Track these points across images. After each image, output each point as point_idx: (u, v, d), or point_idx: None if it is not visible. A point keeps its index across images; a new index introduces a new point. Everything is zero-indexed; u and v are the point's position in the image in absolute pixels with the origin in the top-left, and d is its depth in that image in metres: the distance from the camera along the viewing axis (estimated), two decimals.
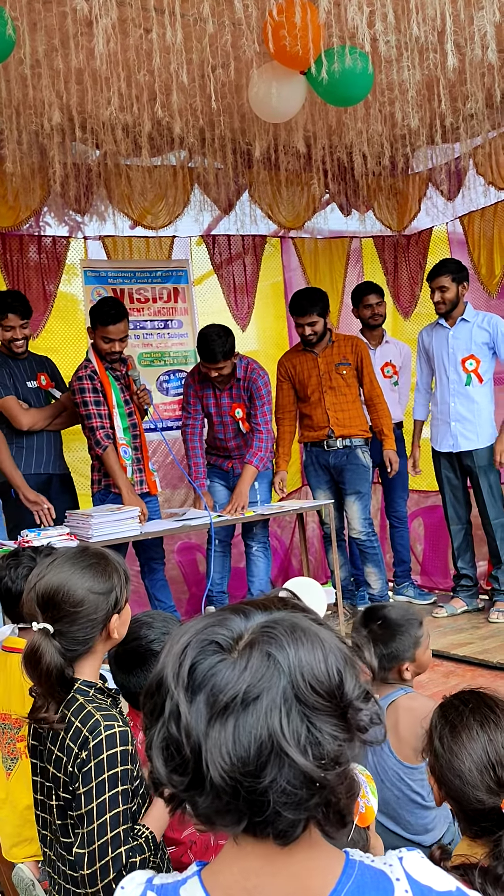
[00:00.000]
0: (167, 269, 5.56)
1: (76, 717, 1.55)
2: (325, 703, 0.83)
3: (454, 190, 5.69)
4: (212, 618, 0.90)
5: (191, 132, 4.37)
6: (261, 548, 4.90)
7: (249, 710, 0.81)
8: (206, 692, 0.83)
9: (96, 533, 3.94)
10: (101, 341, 4.33)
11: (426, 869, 0.91)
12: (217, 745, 0.81)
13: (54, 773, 1.54)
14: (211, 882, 0.91)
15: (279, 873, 0.87)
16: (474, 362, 4.72)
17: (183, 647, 0.87)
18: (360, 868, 0.90)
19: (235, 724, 0.81)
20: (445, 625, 4.76)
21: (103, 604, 1.62)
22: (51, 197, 5.00)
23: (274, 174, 5.53)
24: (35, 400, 4.49)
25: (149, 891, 0.95)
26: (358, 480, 4.86)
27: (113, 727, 1.52)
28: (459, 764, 1.40)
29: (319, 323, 4.81)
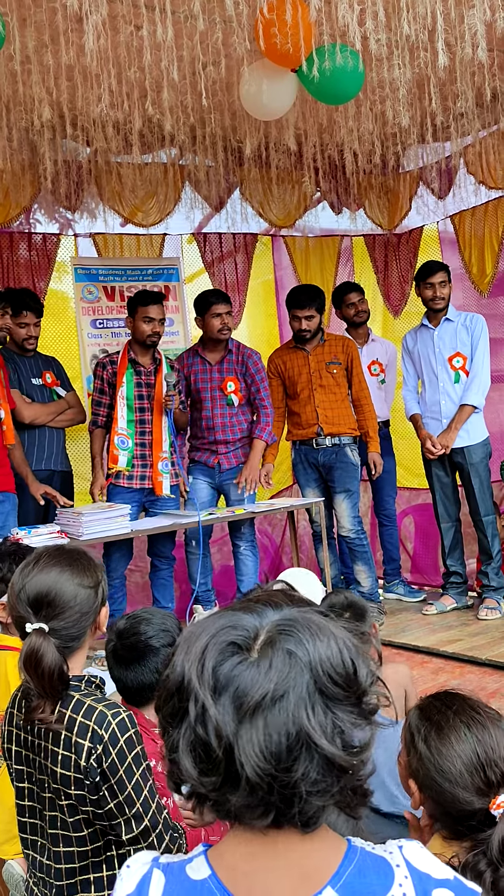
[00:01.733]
0: (158, 267, 5.55)
1: (77, 712, 1.56)
2: (345, 692, 0.88)
3: (445, 189, 5.71)
4: (224, 618, 0.92)
5: (182, 129, 4.36)
6: (248, 546, 4.90)
7: (277, 708, 0.85)
8: (232, 693, 0.86)
9: (87, 531, 3.94)
10: (142, 323, 4.45)
11: (425, 857, 0.94)
12: (250, 743, 0.84)
13: (62, 773, 1.54)
14: (217, 861, 0.94)
15: (283, 856, 0.90)
16: (461, 360, 4.74)
17: (202, 650, 0.89)
18: (361, 854, 0.93)
19: (265, 722, 0.85)
20: (435, 622, 4.77)
21: (93, 597, 1.65)
22: (41, 194, 4.99)
23: (265, 172, 5.53)
24: (39, 397, 4.57)
25: (155, 868, 0.96)
26: (347, 479, 4.87)
27: (119, 713, 1.57)
28: (449, 766, 1.39)
29: (316, 319, 4.83)
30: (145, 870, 0.97)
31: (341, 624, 0.94)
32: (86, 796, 1.54)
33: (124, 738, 1.54)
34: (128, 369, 4.50)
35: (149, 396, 4.52)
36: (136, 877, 0.96)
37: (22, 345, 4.53)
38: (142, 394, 4.51)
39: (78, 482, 4.86)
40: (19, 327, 4.49)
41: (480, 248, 5.61)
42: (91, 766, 1.52)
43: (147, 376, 4.53)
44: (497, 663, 3.95)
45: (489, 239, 5.53)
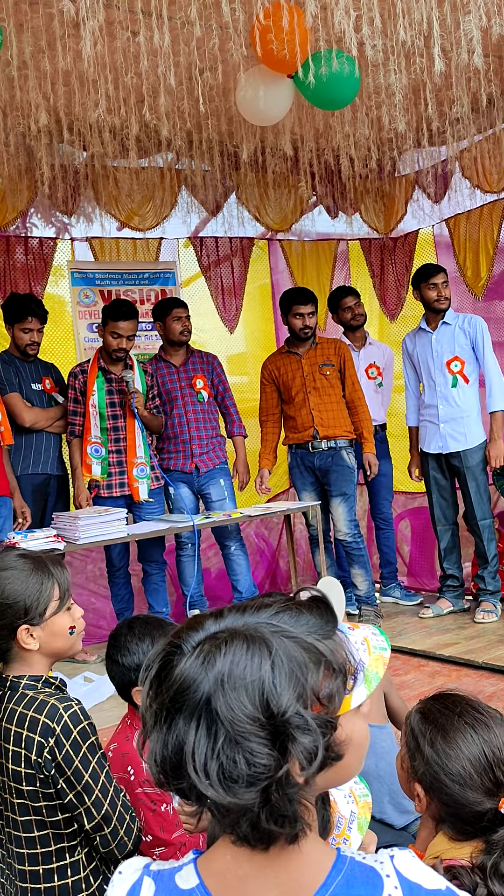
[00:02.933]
0: (155, 271, 5.56)
1: (28, 708, 1.59)
2: (247, 722, 0.82)
3: (440, 193, 5.73)
4: None
5: (178, 134, 4.38)
6: (238, 546, 4.91)
7: (177, 716, 0.85)
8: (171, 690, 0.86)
9: (83, 535, 3.95)
10: (110, 336, 4.49)
11: (416, 867, 0.93)
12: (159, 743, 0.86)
13: (14, 770, 1.57)
14: (206, 869, 0.94)
15: (272, 864, 0.89)
16: (459, 364, 4.75)
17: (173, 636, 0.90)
18: (350, 864, 0.92)
19: (170, 727, 0.85)
20: (431, 625, 4.78)
21: (7, 612, 1.64)
22: (38, 198, 5.00)
23: (261, 176, 5.54)
24: (38, 402, 4.60)
25: (146, 876, 0.96)
26: (343, 482, 4.88)
27: (71, 706, 1.59)
28: (458, 768, 1.40)
29: (315, 317, 4.88)
30: (136, 877, 0.97)
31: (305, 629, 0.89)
32: (38, 791, 1.56)
33: (77, 729, 1.56)
34: (98, 377, 4.52)
35: (121, 403, 4.55)
36: (126, 884, 0.96)
37: (24, 350, 4.55)
38: (113, 401, 4.53)
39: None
40: (23, 333, 4.51)
41: (475, 252, 5.63)
42: (45, 759, 1.55)
43: (118, 383, 4.55)
44: (494, 667, 3.96)
45: (484, 242, 5.55)
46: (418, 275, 4.84)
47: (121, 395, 4.53)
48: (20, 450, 4.49)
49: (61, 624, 1.70)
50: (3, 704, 1.64)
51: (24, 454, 4.51)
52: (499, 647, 4.20)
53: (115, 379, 4.55)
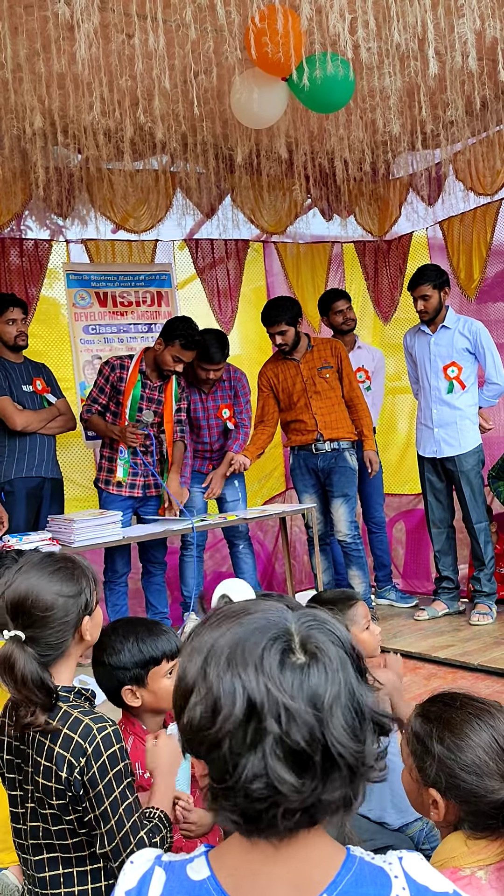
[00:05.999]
0: (150, 273, 5.56)
1: (63, 724, 1.55)
2: (359, 673, 0.93)
3: (434, 195, 5.74)
4: (241, 627, 0.90)
5: (173, 137, 4.38)
6: (246, 545, 4.97)
7: (343, 696, 0.87)
8: (307, 699, 0.85)
9: (78, 538, 3.94)
10: (171, 358, 4.42)
11: (424, 869, 0.94)
12: (335, 719, 0.86)
13: (44, 784, 1.54)
14: (217, 862, 0.94)
15: (283, 860, 0.90)
16: (456, 369, 4.74)
17: (254, 668, 0.86)
18: (359, 863, 0.93)
19: (340, 710, 0.87)
20: (427, 627, 4.78)
21: (73, 607, 1.63)
22: (32, 201, 4.99)
23: (256, 179, 5.55)
24: (30, 404, 4.54)
25: (157, 866, 0.97)
26: (346, 483, 4.89)
27: (105, 728, 1.55)
28: (472, 757, 1.40)
29: (290, 332, 4.81)
30: (147, 867, 0.98)
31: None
32: (68, 806, 1.54)
33: (108, 753, 1.52)
34: (137, 383, 4.50)
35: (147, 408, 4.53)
36: (137, 873, 0.98)
37: (15, 343, 4.49)
38: (141, 407, 4.52)
39: (69, 488, 4.86)
40: (8, 325, 4.44)
41: (468, 254, 5.65)
42: (75, 778, 1.51)
43: (152, 391, 4.54)
44: (489, 669, 3.96)
45: (477, 245, 5.57)
46: (410, 281, 4.85)
47: (149, 403, 4.53)
48: (13, 453, 4.46)
49: (99, 613, 1.71)
50: None
51: (17, 457, 4.47)
52: (494, 650, 4.20)
53: (150, 386, 4.54)
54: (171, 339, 4.39)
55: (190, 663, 0.91)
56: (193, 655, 0.91)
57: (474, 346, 4.72)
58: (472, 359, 4.76)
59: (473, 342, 4.71)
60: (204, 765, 0.89)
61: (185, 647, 0.95)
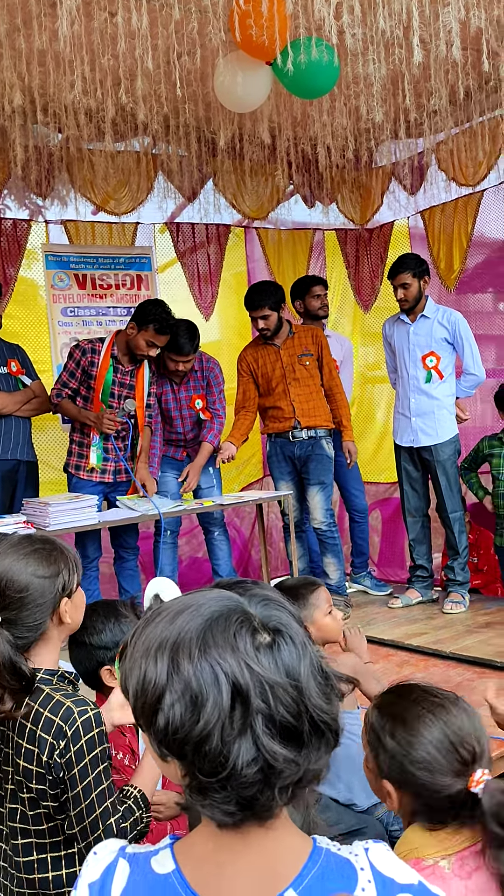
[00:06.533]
0: (130, 256, 5.52)
1: (44, 707, 1.55)
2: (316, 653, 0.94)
3: (416, 184, 5.73)
4: (201, 615, 0.88)
5: (155, 119, 4.34)
6: (221, 532, 4.96)
7: (313, 671, 0.88)
8: (285, 674, 0.86)
9: (53, 521, 3.91)
10: (144, 342, 4.36)
11: (390, 861, 0.93)
12: (310, 687, 0.87)
13: (25, 767, 1.54)
14: (183, 855, 0.93)
15: (250, 852, 0.89)
16: (434, 359, 4.76)
17: (231, 652, 0.84)
18: (325, 855, 0.92)
19: (315, 679, 0.88)
20: (400, 615, 4.82)
21: (50, 588, 1.61)
22: (11, 180, 4.93)
23: (238, 164, 5.51)
24: (4, 385, 4.47)
25: (121, 858, 0.96)
26: (322, 471, 4.89)
27: (86, 711, 1.54)
28: (423, 754, 1.39)
29: (272, 317, 4.79)
30: (111, 858, 0.96)
31: None
32: (46, 791, 1.53)
33: (87, 736, 1.52)
34: (109, 366, 4.44)
35: (121, 396, 4.50)
36: (101, 865, 0.96)
37: None
38: (113, 392, 4.48)
39: (44, 471, 4.82)
40: None
41: (449, 245, 5.66)
42: (55, 761, 1.51)
43: (124, 375, 4.50)
44: (461, 657, 4.00)
45: (458, 235, 5.58)
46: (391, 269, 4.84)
47: (121, 388, 4.49)
48: None
49: (81, 595, 1.70)
50: None
51: None
52: (466, 638, 4.24)
53: (122, 371, 4.49)
54: (145, 324, 4.33)
55: (152, 664, 0.86)
56: (154, 655, 0.87)
57: (453, 336, 4.73)
58: (450, 349, 4.78)
59: (452, 332, 4.73)
60: (184, 765, 0.86)
61: (130, 653, 0.90)
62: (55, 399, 4.49)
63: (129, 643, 0.92)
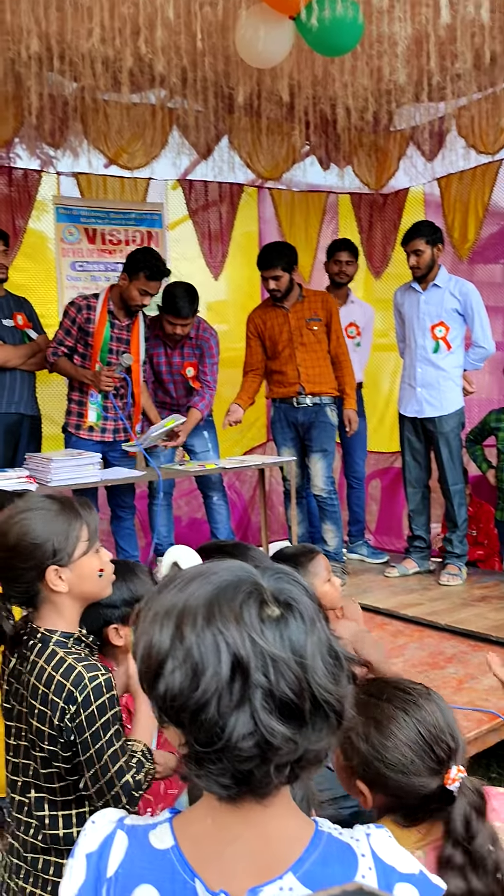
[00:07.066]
0: (142, 212, 5.44)
1: (57, 670, 1.55)
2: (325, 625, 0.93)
3: (434, 150, 5.63)
4: (209, 584, 0.88)
5: (173, 71, 4.24)
6: (221, 497, 4.96)
7: (323, 644, 0.87)
8: (290, 650, 0.84)
9: (55, 477, 3.91)
10: (137, 292, 4.32)
11: (391, 849, 0.93)
12: (316, 666, 0.85)
13: (38, 727, 1.55)
14: (182, 831, 0.92)
15: (252, 831, 0.88)
16: (443, 329, 4.71)
17: (235, 623, 0.84)
18: (327, 840, 0.91)
19: (322, 657, 0.86)
20: (396, 584, 4.84)
21: (36, 553, 1.59)
22: (24, 128, 4.83)
23: (255, 121, 5.41)
24: (10, 338, 4.45)
25: (119, 829, 0.95)
26: (324, 438, 4.88)
27: (97, 677, 1.54)
28: (398, 757, 1.35)
29: (284, 278, 4.74)
30: (109, 829, 0.96)
31: None
32: (58, 752, 1.54)
33: (97, 702, 1.52)
34: (107, 322, 4.40)
35: (119, 352, 4.45)
36: (99, 835, 0.96)
37: None
38: (111, 348, 4.44)
39: (46, 426, 4.80)
40: None
41: (464, 214, 5.57)
42: (66, 725, 1.52)
43: (121, 330, 4.46)
44: (455, 629, 4.02)
45: (474, 205, 5.49)
46: (405, 236, 4.78)
47: (119, 343, 4.44)
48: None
49: (90, 566, 1.67)
50: (32, 657, 1.59)
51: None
52: (462, 610, 4.26)
53: (118, 326, 4.44)
54: (136, 272, 4.29)
55: (158, 630, 0.86)
56: (161, 621, 0.87)
57: (464, 307, 4.68)
58: (460, 320, 4.73)
59: (463, 303, 4.68)
60: (183, 733, 0.85)
61: (142, 618, 0.90)
62: (51, 358, 4.42)
63: (143, 609, 0.92)
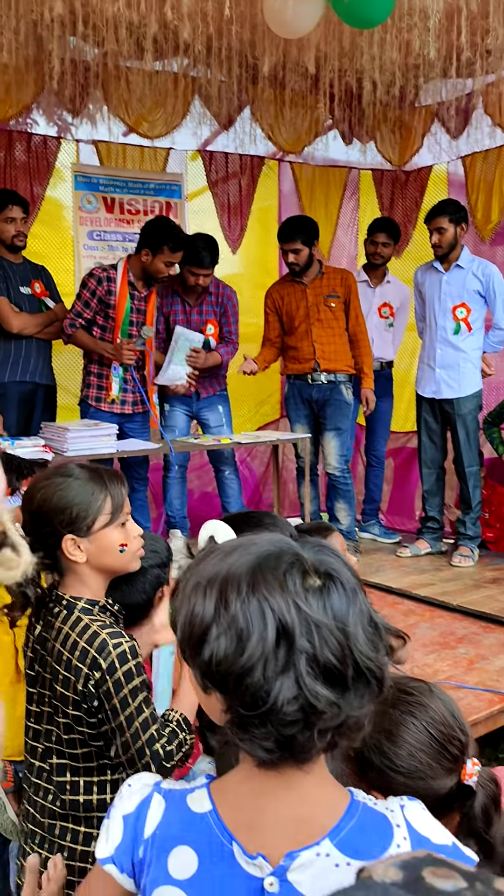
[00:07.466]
0: (161, 182, 5.38)
1: (81, 637, 1.55)
2: None
3: (460, 128, 5.54)
4: (250, 553, 0.88)
5: (198, 38, 4.16)
6: (232, 471, 4.94)
7: (362, 609, 0.88)
8: (333, 618, 0.85)
9: (71, 447, 3.90)
10: (163, 264, 4.29)
11: (426, 820, 0.94)
12: (357, 633, 0.86)
13: (62, 693, 1.55)
14: (220, 796, 0.93)
15: (290, 797, 0.89)
16: (465, 311, 4.67)
17: (279, 591, 0.84)
18: (363, 809, 0.92)
19: (363, 625, 0.87)
20: (408, 564, 4.84)
21: (53, 519, 1.60)
22: (44, 94, 4.77)
23: (278, 93, 5.32)
24: (27, 306, 4.41)
25: (156, 793, 0.97)
26: (339, 416, 4.85)
27: (121, 644, 1.54)
28: (414, 763, 1.29)
29: (303, 252, 4.69)
30: (146, 792, 0.97)
31: None
32: (82, 718, 1.55)
33: (123, 669, 1.52)
34: (128, 295, 4.35)
35: (139, 323, 4.42)
36: (136, 798, 0.97)
37: (12, 243, 4.32)
38: (131, 320, 4.40)
39: (62, 396, 4.79)
40: (6, 223, 4.27)
41: (488, 194, 5.50)
42: (89, 691, 1.52)
43: (139, 301, 4.42)
44: (467, 610, 4.02)
45: (498, 184, 5.42)
46: (428, 213, 4.73)
47: (138, 315, 4.41)
48: (7, 356, 4.35)
49: (111, 539, 1.65)
50: (57, 624, 1.59)
51: (12, 361, 4.36)
52: (473, 592, 4.26)
53: (138, 297, 4.40)
54: (159, 246, 4.24)
55: (200, 599, 0.87)
56: (203, 589, 0.87)
57: (486, 288, 4.64)
58: (482, 302, 4.69)
59: (486, 285, 4.63)
60: (226, 699, 0.86)
61: (182, 588, 0.91)
62: (69, 330, 4.35)
63: (181, 580, 0.93)
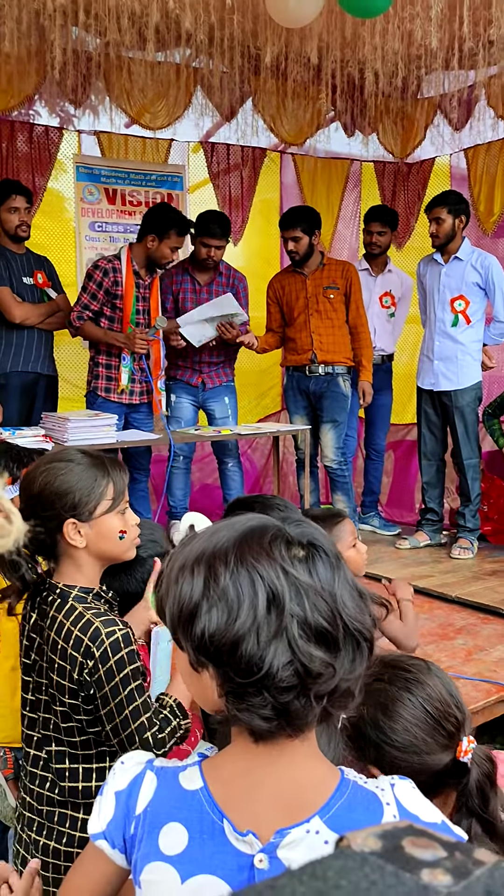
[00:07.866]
0: (163, 174, 5.38)
1: (75, 625, 1.55)
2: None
3: (462, 120, 5.54)
4: (237, 529, 0.90)
5: (200, 28, 4.16)
6: (236, 464, 4.95)
7: (344, 579, 0.90)
8: (319, 580, 0.87)
9: (72, 437, 3.90)
10: (168, 249, 4.28)
11: (415, 798, 0.95)
12: (344, 598, 0.88)
13: (58, 681, 1.55)
14: (211, 774, 0.94)
15: (281, 774, 0.90)
16: (463, 303, 4.66)
17: (267, 561, 0.86)
18: (353, 788, 0.93)
19: (349, 591, 0.89)
20: (407, 556, 4.84)
21: (56, 503, 1.60)
22: (45, 84, 4.76)
23: (280, 84, 5.31)
24: (29, 297, 4.42)
25: (148, 770, 0.98)
26: (336, 409, 4.85)
27: (114, 632, 1.54)
28: (409, 738, 1.32)
29: (303, 241, 4.68)
30: (138, 770, 0.98)
31: None
32: (79, 706, 1.55)
33: (116, 657, 1.52)
34: (134, 284, 4.34)
35: (145, 311, 4.42)
36: (128, 775, 0.98)
37: (15, 233, 4.33)
38: (138, 308, 4.41)
39: (63, 387, 4.79)
40: (10, 213, 4.28)
41: (491, 186, 5.50)
42: (84, 679, 1.53)
43: (144, 290, 4.42)
44: (466, 601, 4.03)
45: (501, 177, 5.41)
46: (429, 202, 4.72)
47: (144, 303, 4.41)
48: (9, 346, 4.36)
49: (111, 525, 1.66)
50: (52, 612, 1.59)
51: (14, 351, 4.38)
52: (472, 584, 4.27)
53: (143, 285, 4.40)
54: (165, 231, 4.25)
55: (189, 577, 0.88)
56: (190, 569, 0.89)
57: (485, 281, 4.63)
58: (481, 294, 4.68)
59: (485, 277, 4.62)
60: (221, 672, 0.87)
61: (167, 574, 0.92)
62: (76, 322, 4.34)
63: (165, 567, 0.94)
